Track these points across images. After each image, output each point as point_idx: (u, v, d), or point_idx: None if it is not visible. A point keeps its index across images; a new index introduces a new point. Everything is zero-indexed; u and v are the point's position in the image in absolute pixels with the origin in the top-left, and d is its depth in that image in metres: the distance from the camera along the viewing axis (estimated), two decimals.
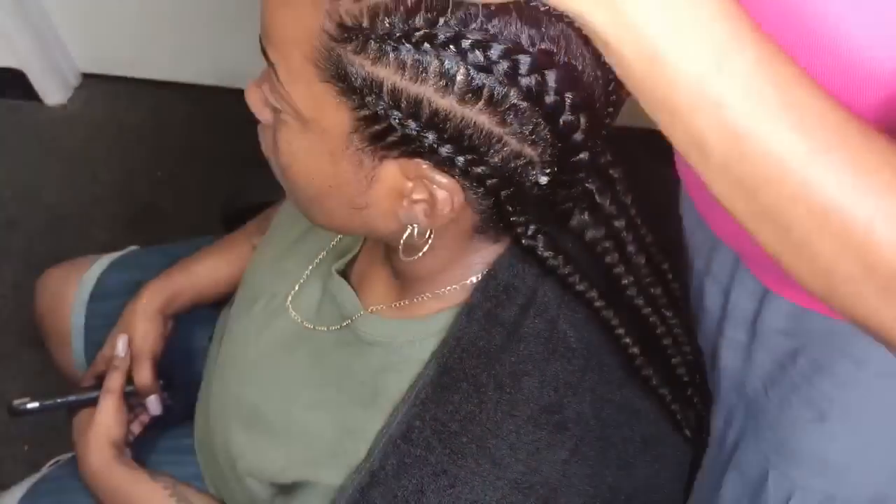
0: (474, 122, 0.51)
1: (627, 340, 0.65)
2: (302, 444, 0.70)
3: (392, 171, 0.55)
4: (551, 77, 0.50)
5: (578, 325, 0.64)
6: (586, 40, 0.50)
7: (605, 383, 0.64)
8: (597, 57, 0.51)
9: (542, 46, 0.49)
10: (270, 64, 0.55)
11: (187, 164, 1.85)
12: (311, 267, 0.78)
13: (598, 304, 0.64)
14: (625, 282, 0.65)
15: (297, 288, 0.78)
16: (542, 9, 0.49)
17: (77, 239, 1.75)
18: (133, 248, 1.12)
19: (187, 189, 1.81)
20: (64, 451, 1.01)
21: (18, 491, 0.94)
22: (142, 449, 0.92)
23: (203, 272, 0.98)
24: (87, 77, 2.00)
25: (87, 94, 1.98)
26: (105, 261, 1.08)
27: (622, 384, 0.65)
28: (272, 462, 0.72)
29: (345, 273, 0.75)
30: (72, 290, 1.05)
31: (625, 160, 0.65)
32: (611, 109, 0.55)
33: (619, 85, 0.55)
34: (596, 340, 0.65)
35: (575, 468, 0.62)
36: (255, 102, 0.59)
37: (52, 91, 1.94)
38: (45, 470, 0.98)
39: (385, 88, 0.50)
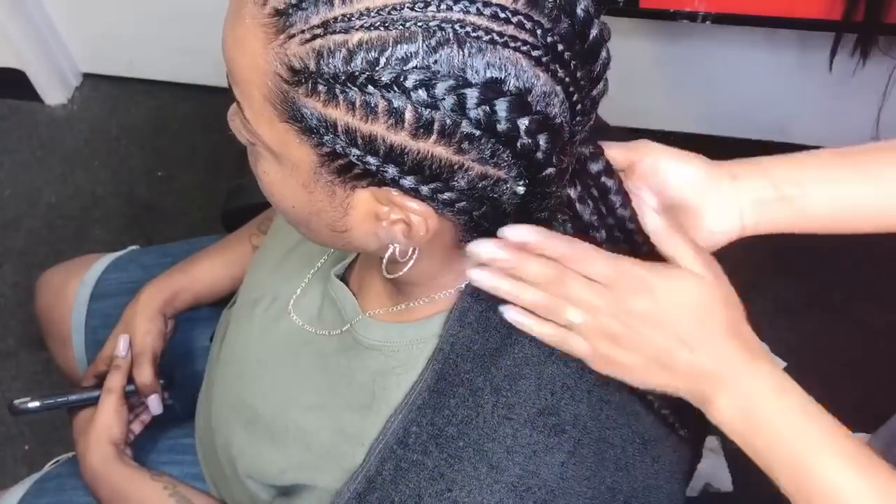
0: (431, 154, 0.50)
1: None
2: (300, 447, 0.70)
3: (365, 197, 0.55)
4: (501, 106, 0.49)
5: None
6: (537, 61, 0.50)
7: (603, 385, 0.64)
8: (552, 74, 0.51)
9: (489, 76, 0.49)
10: (237, 102, 0.56)
11: (187, 164, 1.85)
12: (312, 271, 0.78)
13: None
14: None
15: (298, 292, 0.78)
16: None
17: (77, 239, 1.76)
18: (133, 248, 1.12)
19: (187, 189, 1.81)
20: (64, 451, 1.01)
21: (19, 490, 0.94)
22: (142, 449, 0.92)
23: (203, 272, 0.98)
24: (87, 77, 2.00)
25: (87, 94, 1.98)
26: (105, 261, 1.08)
27: (620, 385, 0.65)
28: (271, 464, 0.72)
29: (345, 277, 0.75)
30: (72, 289, 1.05)
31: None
32: (578, 118, 0.54)
33: (586, 96, 0.54)
34: None
35: (573, 470, 0.62)
36: (237, 130, 0.60)
37: (53, 91, 1.94)
38: (45, 469, 0.99)
39: (339, 128, 0.50)
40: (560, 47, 0.51)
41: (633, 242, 0.62)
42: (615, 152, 0.62)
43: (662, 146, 0.63)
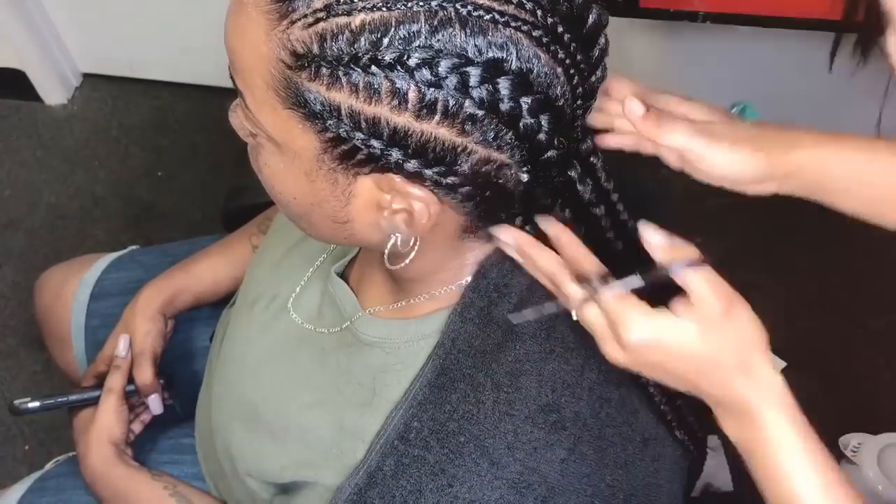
0: (435, 136, 0.51)
1: None
2: (301, 444, 0.70)
3: (367, 185, 0.55)
4: (504, 85, 0.50)
5: (577, 325, 0.64)
6: (538, 41, 0.50)
7: (604, 382, 0.64)
8: (553, 55, 0.51)
9: (491, 55, 0.49)
10: (239, 92, 0.56)
11: (187, 164, 1.85)
12: (311, 269, 0.78)
13: None
14: None
15: (298, 290, 0.78)
16: None
17: (77, 239, 1.76)
18: (133, 248, 1.13)
19: (187, 189, 1.82)
20: (64, 451, 1.01)
21: (19, 489, 0.94)
22: (142, 448, 0.92)
23: (203, 272, 0.98)
24: (87, 77, 2.00)
25: (87, 94, 1.98)
26: (105, 261, 1.08)
27: (620, 383, 0.65)
28: (271, 462, 0.72)
29: (345, 274, 0.75)
30: (72, 289, 1.05)
31: (615, 154, 0.65)
32: (580, 102, 0.55)
33: (585, 80, 0.55)
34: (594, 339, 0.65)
35: (573, 467, 0.62)
36: (237, 125, 0.60)
37: (53, 91, 1.94)
38: (46, 468, 0.99)
39: (343, 111, 0.51)
40: (560, 29, 0.51)
41: (617, 218, 0.64)
42: (679, 137, 0.63)
43: (720, 129, 0.65)
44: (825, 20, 1.34)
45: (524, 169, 0.54)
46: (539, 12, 0.50)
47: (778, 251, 1.66)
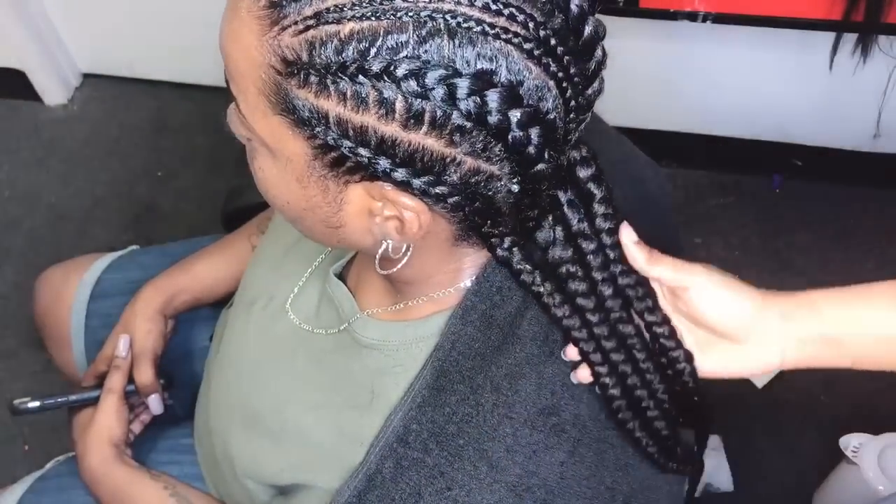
0: (422, 146, 0.50)
1: (606, 381, 0.62)
2: (299, 446, 0.70)
3: (358, 193, 0.55)
4: (492, 97, 0.49)
5: None
6: (529, 54, 0.50)
7: None
8: (544, 67, 0.50)
9: (479, 67, 0.49)
10: (233, 97, 0.56)
11: (187, 164, 1.85)
12: (310, 269, 0.78)
13: (576, 334, 0.61)
14: (591, 318, 0.60)
15: (296, 290, 0.78)
16: None
17: (77, 239, 1.76)
18: (133, 248, 1.12)
19: (187, 189, 1.82)
20: (64, 451, 1.01)
21: (19, 489, 0.94)
22: (142, 449, 0.92)
23: (203, 272, 0.98)
24: (87, 77, 2.00)
25: (87, 94, 1.98)
26: (105, 261, 1.08)
27: None
28: (270, 464, 0.72)
29: (343, 275, 0.75)
30: (72, 289, 1.05)
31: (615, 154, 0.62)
32: (572, 115, 0.54)
33: (580, 93, 0.53)
34: None
35: (573, 470, 0.62)
36: (234, 129, 0.60)
37: (53, 91, 1.94)
38: (45, 468, 0.99)
39: (331, 119, 0.51)
40: (553, 41, 0.50)
41: (607, 260, 0.60)
42: (666, 270, 0.59)
43: (716, 274, 0.60)
44: (825, 20, 1.34)
45: (514, 180, 0.54)
46: (531, 24, 0.49)
47: (778, 251, 1.66)
